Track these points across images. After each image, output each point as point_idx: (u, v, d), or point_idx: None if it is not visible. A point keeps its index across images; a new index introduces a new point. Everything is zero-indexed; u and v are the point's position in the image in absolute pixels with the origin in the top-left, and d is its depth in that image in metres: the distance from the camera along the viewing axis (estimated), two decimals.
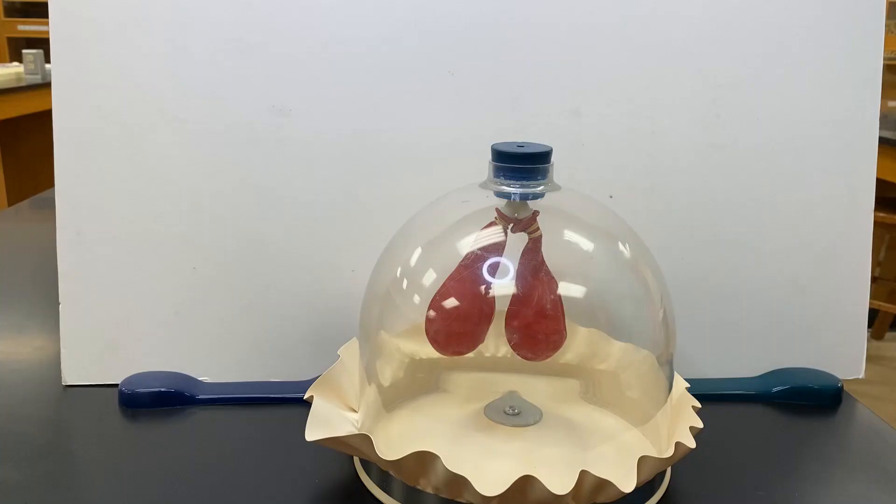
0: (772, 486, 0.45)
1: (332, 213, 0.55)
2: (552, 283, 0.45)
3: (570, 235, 0.46)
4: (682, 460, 0.42)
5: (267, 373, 0.56)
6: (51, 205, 0.53)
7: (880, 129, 0.56)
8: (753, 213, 0.56)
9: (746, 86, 0.55)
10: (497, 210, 0.45)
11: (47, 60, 2.73)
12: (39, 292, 0.70)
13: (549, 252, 0.45)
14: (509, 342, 0.46)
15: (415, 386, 0.50)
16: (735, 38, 0.55)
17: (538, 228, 0.45)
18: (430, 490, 0.40)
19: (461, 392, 0.50)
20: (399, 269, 0.46)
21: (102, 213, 0.54)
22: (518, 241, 0.45)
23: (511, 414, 0.48)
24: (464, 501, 0.40)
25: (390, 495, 0.42)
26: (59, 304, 0.54)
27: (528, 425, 0.47)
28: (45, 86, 2.69)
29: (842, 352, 0.58)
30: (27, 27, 3.63)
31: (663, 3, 0.54)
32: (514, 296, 0.45)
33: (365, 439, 0.40)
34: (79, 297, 0.54)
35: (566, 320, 0.45)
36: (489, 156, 0.44)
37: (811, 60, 0.51)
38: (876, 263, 2.55)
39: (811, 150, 0.56)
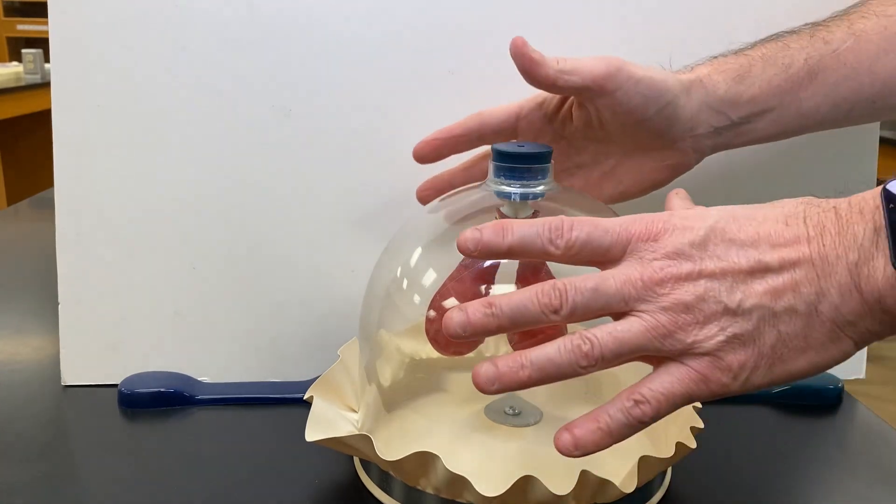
0: (772, 486, 0.45)
1: (332, 212, 0.55)
2: None
3: None
4: (683, 460, 0.42)
5: (267, 373, 0.56)
6: (50, 205, 0.53)
7: (880, 129, 0.56)
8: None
9: None
10: (497, 210, 0.45)
11: (47, 60, 2.73)
12: (39, 292, 0.70)
13: None
14: (509, 342, 0.46)
15: (415, 386, 0.50)
16: (733, 38, 0.55)
17: None
18: (430, 490, 0.40)
19: (461, 392, 0.50)
20: (399, 269, 0.46)
21: (102, 213, 0.54)
22: None
23: (511, 414, 0.48)
24: (464, 502, 0.40)
25: (390, 495, 0.42)
26: (58, 304, 0.54)
27: (528, 425, 0.47)
28: (45, 85, 2.68)
29: None
30: (27, 27, 3.63)
31: (662, 3, 0.54)
32: None
33: (365, 439, 0.40)
34: (78, 297, 0.54)
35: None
36: (489, 156, 0.44)
37: None
38: None
39: (811, 150, 0.56)
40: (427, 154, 0.49)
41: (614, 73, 0.43)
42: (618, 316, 0.34)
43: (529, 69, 0.43)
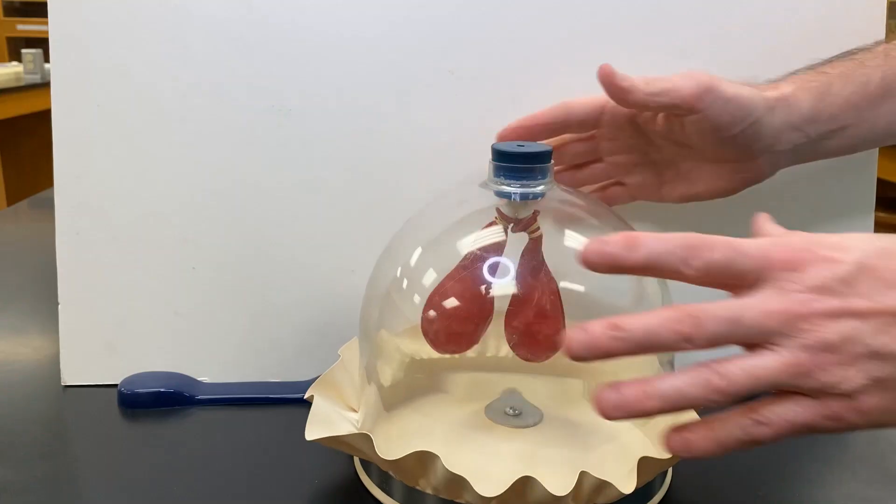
0: (772, 487, 0.45)
1: (332, 213, 0.55)
2: (552, 284, 0.45)
3: (570, 235, 0.46)
4: (683, 461, 0.42)
5: (267, 373, 0.56)
6: (50, 204, 0.53)
7: None
8: (754, 214, 0.56)
9: None
10: (497, 210, 0.45)
11: (46, 60, 2.73)
12: (39, 292, 0.70)
13: (549, 252, 0.45)
14: (509, 342, 0.46)
15: (415, 386, 0.50)
16: (734, 39, 0.55)
17: (538, 228, 0.45)
18: (429, 490, 0.40)
19: (461, 392, 0.50)
20: (399, 269, 0.46)
21: (102, 213, 0.54)
22: (518, 241, 0.45)
23: (512, 415, 0.48)
24: (463, 502, 0.40)
25: (390, 496, 0.42)
26: (58, 304, 0.54)
27: (528, 426, 0.47)
28: (45, 85, 2.69)
29: None
30: (26, 27, 3.62)
31: (665, 4, 0.54)
32: (513, 296, 0.45)
33: (365, 438, 0.40)
34: (78, 297, 0.54)
35: (566, 320, 0.45)
36: (489, 156, 0.44)
37: (811, 61, 0.50)
38: None
39: None
40: (510, 140, 0.49)
41: (703, 94, 0.43)
42: (751, 346, 0.32)
43: (620, 97, 0.44)
